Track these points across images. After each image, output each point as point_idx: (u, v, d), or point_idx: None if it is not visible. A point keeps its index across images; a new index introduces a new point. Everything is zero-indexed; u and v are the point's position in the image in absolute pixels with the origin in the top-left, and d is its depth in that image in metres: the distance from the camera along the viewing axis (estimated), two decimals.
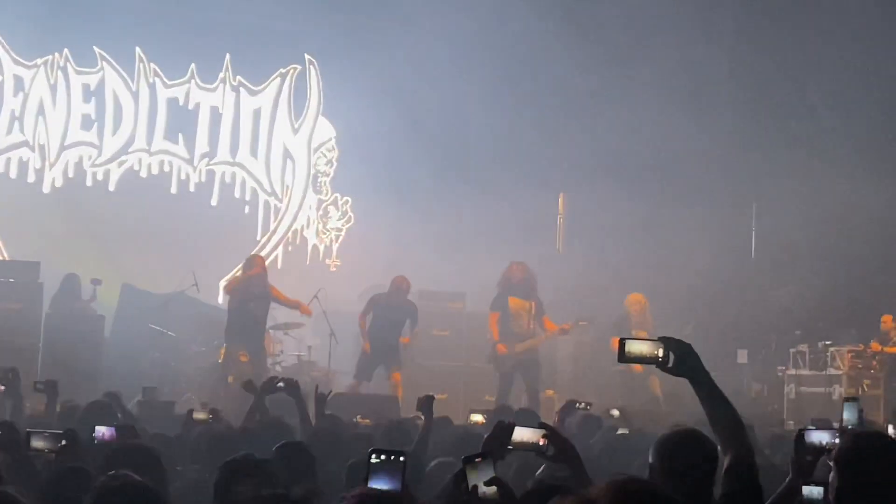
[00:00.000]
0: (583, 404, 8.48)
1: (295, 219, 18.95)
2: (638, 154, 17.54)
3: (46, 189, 17.50)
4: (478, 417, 8.47)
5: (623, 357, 4.11)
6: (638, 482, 2.15)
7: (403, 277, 14.12)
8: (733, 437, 3.95)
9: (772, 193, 16.90)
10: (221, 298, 17.66)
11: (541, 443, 4.17)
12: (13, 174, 17.39)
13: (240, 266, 14.32)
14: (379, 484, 3.30)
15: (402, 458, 3.39)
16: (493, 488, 3.43)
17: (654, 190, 17.51)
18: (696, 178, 17.37)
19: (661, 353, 4.05)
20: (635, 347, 4.09)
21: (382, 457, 3.39)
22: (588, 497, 2.10)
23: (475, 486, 3.43)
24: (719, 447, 3.98)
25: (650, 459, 4.00)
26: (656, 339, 4.09)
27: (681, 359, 4.02)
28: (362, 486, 3.27)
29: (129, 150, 18.00)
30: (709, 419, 4.05)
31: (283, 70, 18.91)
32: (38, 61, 17.51)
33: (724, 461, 3.93)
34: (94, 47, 17.74)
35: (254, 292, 13.13)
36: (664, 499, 2.12)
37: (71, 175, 17.66)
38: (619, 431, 8.08)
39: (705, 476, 3.92)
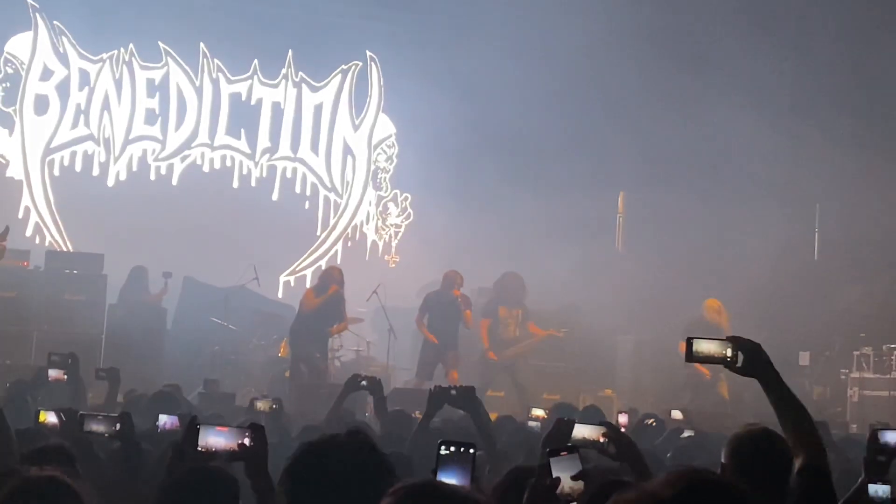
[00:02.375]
0: (651, 421, 8.39)
1: (354, 215, 18.98)
2: (699, 153, 17.39)
3: (111, 182, 17.66)
4: (538, 412, 8.39)
5: (691, 356, 4.07)
6: (704, 473, 2.07)
7: (455, 271, 14.14)
8: (805, 438, 3.88)
9: (836, 194, 16.66)
10: (282, 293, 17.77)
11: (601, 440, 4.13)
12: (78, 167, 17.57)
13: (303, 260, 14.30)
14: (447, 477, 3.25)
15: (471, 451, 3.34)
16: (580, 483, 3.36)
17: (715, 190, 17.34)
18: (759, 178, 17.17)
19: (729, 352, 4.00)
20: (703, 347, 4.04)
21: (452, 448, 3.34)
22: (651, 490, 2.02)
23: (559, 479, 3.37)
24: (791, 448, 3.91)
25: (722, 459, 3.94)
26: (725, 338, 4.04)
27: (750, 359, 3.96)
28: (431, 477, 3.22)
29: (192, 144, 18.13)
30: (779, 420, 3.99)
31: (344, 66, 18.95)
32: (104, 56, 17.69)
33: (797, 462, 3.86)
34: (159, 42, 17.88)
35: (330, 307, 13.31)
36: (733, 490, 2.04)
37: (135, 169, 17.82)
38: (685, 434, 7.96)
39: (779, 476, 3.85)
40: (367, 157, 19.08)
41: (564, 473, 3.37)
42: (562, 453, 3.40)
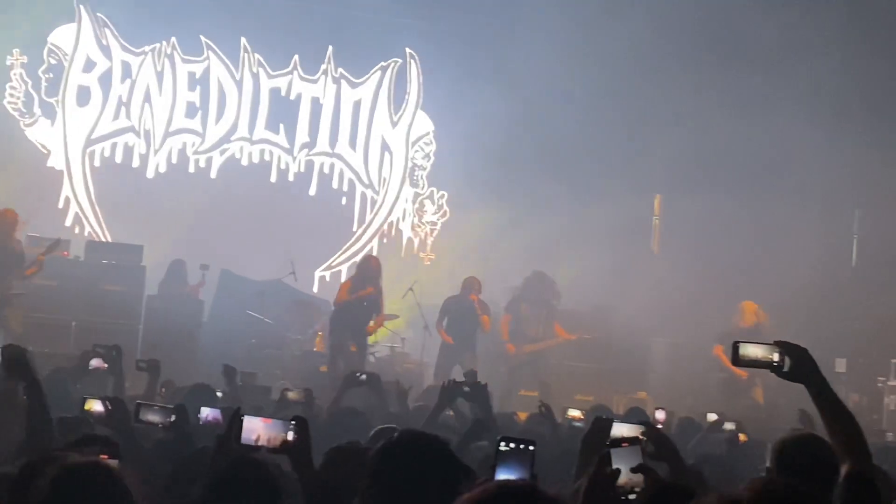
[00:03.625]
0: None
1: (391, 211, 19.00)
2: (736, 156, 17.29)
3: (150, 174, 17.76)
4: (575, 413, 8.37)
5: (737, 360, 4.05)
6: (785, 482, 2.06)
7: (474, 277, 14.34)
8: (853, 445, 3.85)
9: (876, 199, 16.52)
10: (317, 288, 17.82)
11: (640, 438, 4.11)
12: (118, 159, 17.67)
13: (338, 255, 14.33)
14: (507, 473, 3.25)
15: (531, 448, 3.34)
16: (639, 475, 3.34)
17: (753, 193, 17.21)
18: (798, 182, 17.04)
19: (777, 357, 3.98)
20: (750, 351, 4.02)
21: (511, 445, 3.35)
22: (731, 496, 2.02)
23: (618, 471, 3.35)
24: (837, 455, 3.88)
25: (767, 463, 3.92)
26: (772, 342, 4.01)
27: (798, 363, 3.94)
28: (489, 475, 3.21)
29: (231, 138, 18.21)
30: (826, 426, 3.96)
31: (383, 63, 18.97)
32: (146, 49, 17.78)
33: (843, 469, 3.83)
34: (201, 36, 17.96)
35: (369, 296, 13.30)
36: (811, 501, 2.03)
37: (174, 161, 17.91)
38: (727, 427, 7.91)
39: (825, 482, 3.83)
40: (404, 153, 19.09)
41: (624, 466, 3.35)
42: (623, 444, 3.38)
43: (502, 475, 3.22)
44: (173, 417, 5.34)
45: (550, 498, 2.37)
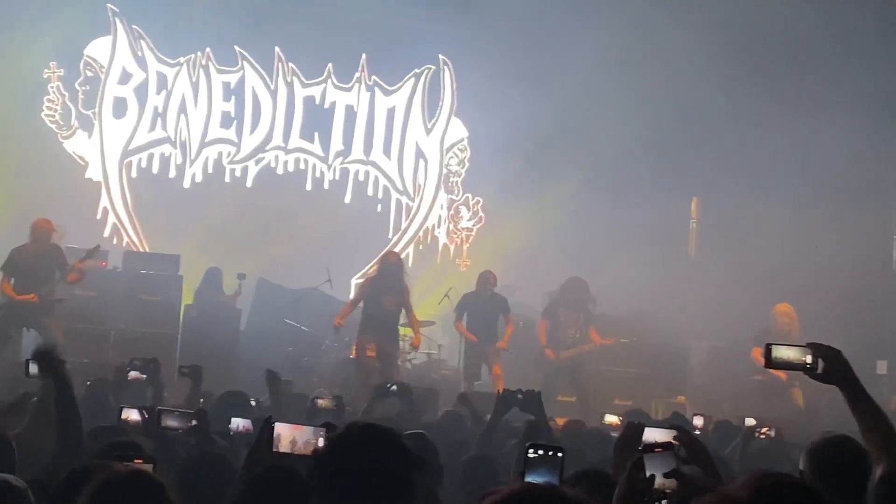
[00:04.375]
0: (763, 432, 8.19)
1: (426, 218, 19.03)
2: (774, 158, 17.18)
3: (186, 184, 17.89)
4: (612, 419, 8.34)
5: (770, 362, 4.04)
6: (783, 476, 2.04)
7: (489, 272, 14.31)
8: (887, 447, 3.82)
9: None
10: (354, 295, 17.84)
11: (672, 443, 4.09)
12: (155, 169, 17.81)
13: (375, 261, 14.37)
14: (535, 480, 3.26)
15: (559, 454, 3.34)
16: (673, 480, 3.32)
17: (790, 195, 17.08)
18: (836, 183, 16.91)
19: (809, 359, 3.97)
20: (783, 353, 4.01)
21: (540, 452, 3.34)
22: (729, 493, 2.01)
23: (653, 477, 3.33)
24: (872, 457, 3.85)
25: (800, 465, 3.90)
26: (805, 344, 4.00)
27: (831, 365, 3.93)
28: (519, 480, 3.22)
29: (267, 147, 18.30)
30: (860, 428, 3.94)
31: (417, 70, 19.01)
32: (181, 60, 17.92)
33: (877, 472, 3.80)
34: (235, 46, 18.08)
35: (387, 286, 13.13)
36: (812, 493, 2.01)
37: (210, 171, 18.03)
38: (765, 430, 7.87)
39: (858, 484, 3.80)
40: (438, 160, 19.13)
41: (658, 471, 3.34)
42: (656, 450, 3.37)
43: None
44: (194, 422, 5.37)
45: (573, 499, 2.36)
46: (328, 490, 3.38)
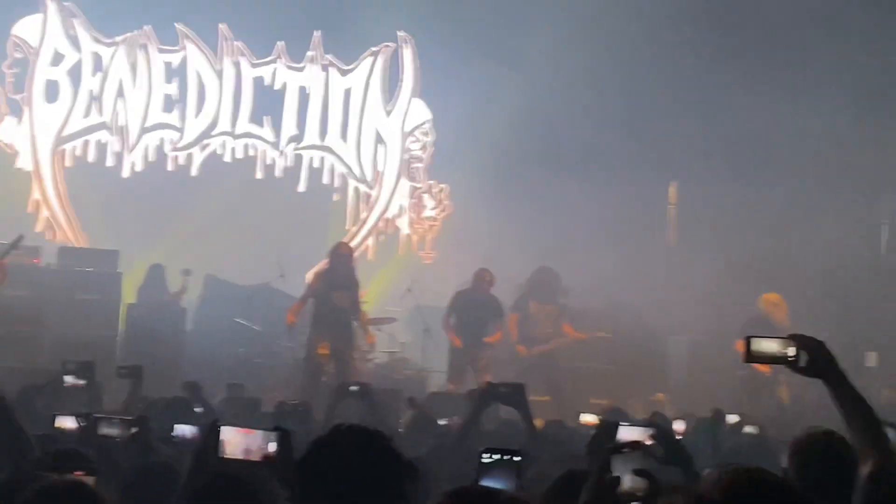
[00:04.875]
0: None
1: (387, 207, 19.01)
2: (757, 139, 17.26)
3: (126, 174, 17.77)
4: (589, 418, 8.36)
5: (750, 356, 4.06)
6: (756, 472, 2.05)
7: (486, 270, 14.22)
8: (874, 442, 3.86)
9: None
10: None
11: (648, 442, 4.12)
12: (91, 158, 17.68)
13: (326, 256, 14.36)
14: (491, 485, 3.27)
15: (516, 458, 3.35)
16: (643, 480, 3.34)
17: (775, 179, 17.20)
18: (823, 166, 17.04)
19: (792, 351, 4.00)
20: (763, 346, 4.04)
21: (495, 456, 3.35)
22: (700, 493, 2.02)
23: (619, 478, 3.33)
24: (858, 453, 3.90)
25: (783, 464, 3.94)
26: (787, 336, 4.03)
27: (814, 358, 3.96)
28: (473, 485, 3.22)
29: (213, 133, 18.21)
30: (846, 422, 3.98)
31: (375, 48, 18.96)
32: (118, 39, 17.79)
33: (864, 469, 3.84)
34: (177, 24, 17.97)
35: (337, 280, 13.14)
36: (786, 490, 2.03)
37: (151, 159, 17.92)
38: (747, 430, 7.94)
39: (844, 481, 3.85)
40: (400, 145, 19.10)
41: (627, 472, 3.35)
42: (623, 450, 3.38)
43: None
44: (134, 430, 5.33)
45: (509, 499, 2.37)
46: (310, 499, 3.36)
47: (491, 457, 3.35)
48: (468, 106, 17.84)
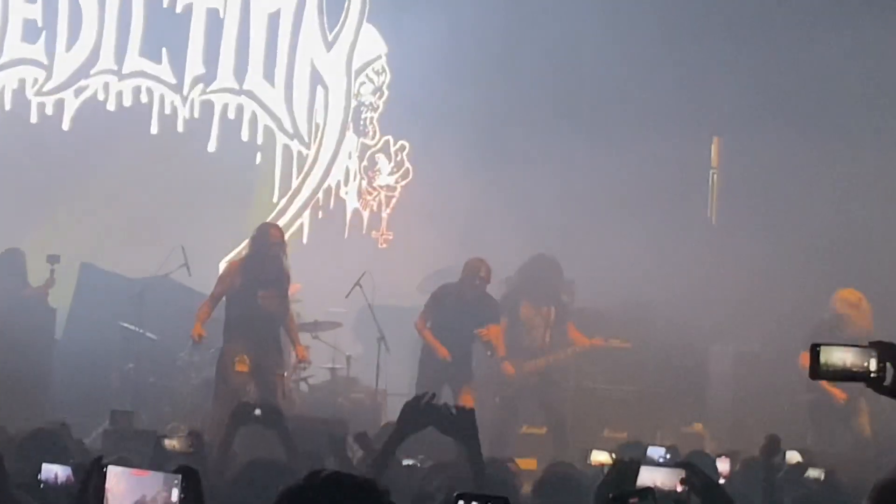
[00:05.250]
0: None
1: (328, 172, 19.02)
2: (827, 84, 17.35)
3: None
4: (601, 457, 8.39)
5: (817, 371, 4.10)
6: None
7: (481, 260, 14.15)
8: None
9: None
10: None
11: (679, 489, 4.16)
12: None
13: (247, 241, 14.34)
14: None
15: None
16: None
17: (851, 136, 17.29)
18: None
19: (873, 364, 4.04)
20: (836, 357, 4.08)
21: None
22: None
23: None
24: None
25: None
26: (868, 344, 4.06)
27: None
28: None
29: (91, 71, 18.19)
30: None
31: None
32: None
33: None
34: None
35: (265, 277, 13.11)
36: None
37: (7, 108, 17.89)
38: (811, 475, 8.00)
39: None
40: (345, 88, 19.10)
41: None
42: (630, 500, 3.43)
43: None
44: None
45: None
46: None
47: None
48: (437, 34, 17.82)
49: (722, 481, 7.82)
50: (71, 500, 4.47)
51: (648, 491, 3.57)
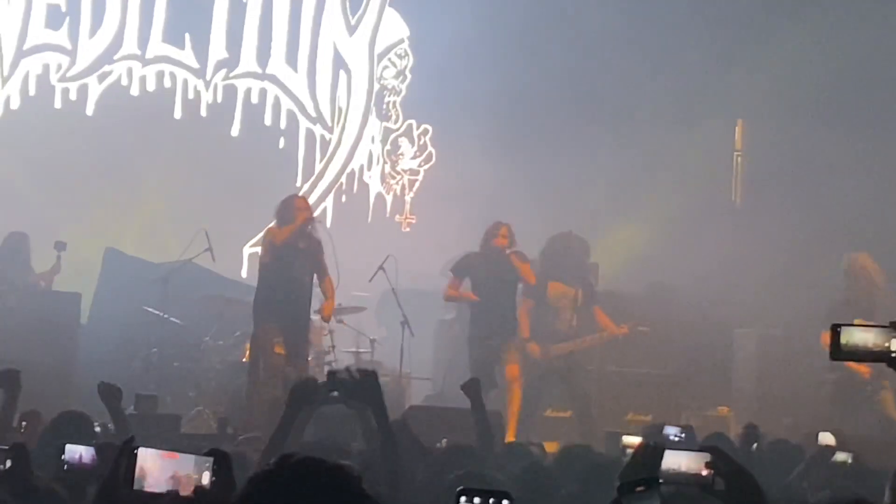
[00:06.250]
0: None
1: (351, 156, 19.04)
2: (850, 67, 17.29)
3: None
4: (632, 440, 8.36)
5: (838, 352, 4.08)
6: None
7: (499, 222, 14.04)
8: None
9: None
10: (246, 271, 17.83)
11: (704, 473, 4.13)
12: None
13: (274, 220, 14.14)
14: None
15: (504, 502, 3.42)
16: None
17: (873, 119, 17.24)
18: None
19: (894, 344, 4.03)
20: (857, 337, 4.07)
21: (476, 500, 3.40)
22: None
23: None
24: None
25: (886, 499, 3.95)
26: (889, 323, 4.04)
27: None
28: None
29: (115, 57, 18.20)
30: None
31: None
32: None
33: None
34: None
35: (298, 248, 12.90)
36: None
37: (32, 93, 17.90)
38: (839, 458, 7.96)
39: None
40: (368, 72, 19.12)
41: None
42: (637, 489, 3.42)
43: None
44: (7, 464, 5.32)
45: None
46: None
47: (471, 500, 3.40)
48: (459, 17, 17.81)
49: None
50: (97, 481, 4.43)
51: (654, 480, 3.54)
